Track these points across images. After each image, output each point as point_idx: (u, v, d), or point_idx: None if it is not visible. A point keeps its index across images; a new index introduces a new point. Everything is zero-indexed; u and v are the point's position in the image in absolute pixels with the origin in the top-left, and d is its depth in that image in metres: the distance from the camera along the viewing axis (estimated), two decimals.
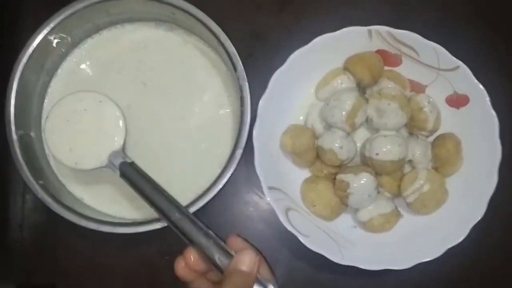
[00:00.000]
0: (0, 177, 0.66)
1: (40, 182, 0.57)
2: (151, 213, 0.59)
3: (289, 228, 0.58)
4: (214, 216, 0.64)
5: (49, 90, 0.65)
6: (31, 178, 0.57)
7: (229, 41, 0.58)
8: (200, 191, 0.58)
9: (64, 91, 0.64)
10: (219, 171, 0.58)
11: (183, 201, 0.57)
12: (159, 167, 0.62)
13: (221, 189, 0.58)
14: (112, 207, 0.63)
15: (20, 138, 0.58)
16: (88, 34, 0.65)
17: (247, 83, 0.58)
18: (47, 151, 0.63)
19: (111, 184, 0.62)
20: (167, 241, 0.64)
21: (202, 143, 0.64)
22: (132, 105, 0.63)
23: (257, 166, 0.58)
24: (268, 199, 0.58)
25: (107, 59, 0.65)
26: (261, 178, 0.58)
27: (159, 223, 0.56)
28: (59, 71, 0.65)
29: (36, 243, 0.66)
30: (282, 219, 0.58)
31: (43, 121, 0.63)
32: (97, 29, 0.65)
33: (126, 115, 0.59)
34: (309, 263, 0.63)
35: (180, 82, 0.65)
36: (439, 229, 0.60)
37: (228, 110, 0.64)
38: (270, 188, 0.59)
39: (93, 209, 0.63)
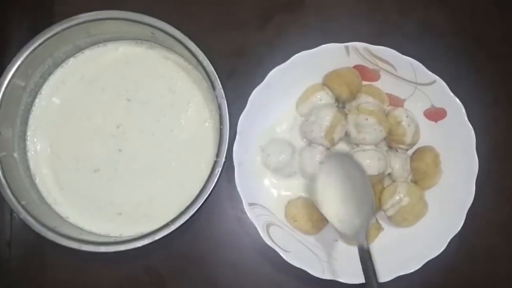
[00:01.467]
0: None
1: (23, 202, 0.58)
2: (135, 230, 0.61)
3: (270, 243, 0.58)
4: (198, 232, 0.65)
5: (34, 108, 0.65)
6: (13, 199, 0.58)
7: (207, 60, 0.59)
8: (183, 206, 0.59)
9: (47, 111, 0.65)
10: (200, 185, 0.59)
11: (167, 215, 0.58)
12: (144, 181, 0.63)
13: (204, 204, 0.58)
14: (97, 224, 0.63)
15: (2, 159, 0.59)
16: (70, 54, 0.65)
17: (225, 102, 0.58)
18: (32, 171, 0.64)
19: (96, 202, 0.63)
20: (152, 258, 0.65)
21: (186, 158, 0.64)
22: (122, 124, 0.65)
23: (237, 182, 0.59)
24: (249, 215, 0.59)
25: (91, 75, 0.66)
26: (241, 195, 0.59)
27: (140, 242, 0.57)
28: (43, 91, 0.66)
29: (24, 261, 0.66)
30: (262, 235, 0.59)
31: (28, 142, 0.65)
32: (79, 49, 0.65)
33: (116, 134, 0.62)
34: (293, 277, 0.64)
35: (163, 95, 0.65)
36: (419, 242, 0.61)
37: (210, 124, 0.65)
38: (251, 204, 0.60)
39: (78, 227, 0.63)
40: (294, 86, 0.64)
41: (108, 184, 0.64)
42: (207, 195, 0.57)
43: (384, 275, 0.58)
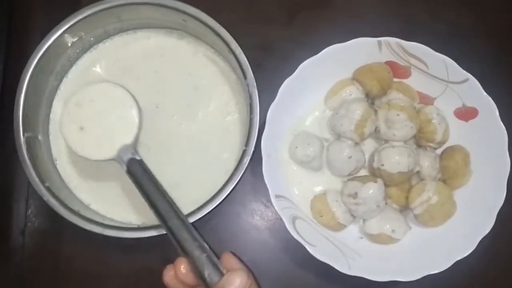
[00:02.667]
0: (4, 183, 0.65)
1: (46, 184, 0.57)
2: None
3: (296, 237, 0.57)
4: (219, 224, 0.64)
5: (59, 92, 0.65)
6: (37, 180, 0.57)
7: (239, 49, 0.59)
8: (206, 197, 0.58)
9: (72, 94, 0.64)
10: (225, 177, 0.58)
11: (190, 205, 0.57)
12: (166, 170, 0.62)
13: (227, 197, 0.57)
14: (119, 212, 0.62)
15: (27, 140, 0.58)
16: (99, 40, 0.65)
17: (256, 91, 0.58)
18: (54, 155, 0.63)
19: (119, 189, 0.62)
20: (169, 249, 0.63)
21: (209, 148, 0.64)
22: (144, 109, 0.63)
23: (265, 174, 0.58)
24: (275, 207, 0.57)
25: (118, 63, 0.65)
26: (268, 186, 0.58)
27: (164, 229, 0.55)
28: (69, 75, 0.65)
29: (38, 250, 0.65)
30: (289, 227, 0.57)
31: (50, 126, 0.64)
32: (108, 35, 0.65)
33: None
34: (313, 273, 0.63)
35: (186, 93, 0.65)
36: (447, 242, 0.59)
37: (235, 117, 0.64)
38: (277, 196, 0.58)
39: (100, 214, 0.62)
40: (324, 80, 0.63)
41: None
42: (234, 185, 0.56)
43: (411, 274, 0.57)
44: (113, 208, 0.62)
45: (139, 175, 0.55)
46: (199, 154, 0.64)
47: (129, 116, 0.58)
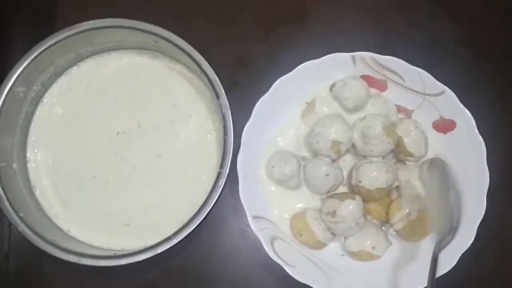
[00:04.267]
0: None
1: (21, 214, 0.56)
2: (139, 244, 0.59)
3: (275, 258, 0.57)
4: (200, 245, 0.64)
5: (35, 117, 0.64)
6: (11, 211, 0.56)
7: (211, 69, 0.58)
8: (186, 217, 0.57)
9: (49, 120, 0.64)
10: (204, 197, 0.57)
11: (170, 227, 0.57)
12: (146, 192, 0.62)
13: (207, 217, 0.57)
14: (98, 238, 0.62)
15: (1, 170, 0.58)
16: (72, 64, 0.65)
17: (229, 112, 0.57)
18: (32, 183, 0.63)
19: (99, 215, 0.62)
20: (152, 273, 0.63)
21: (188, 169, 0.63)
22: (120, 131, 0.64)
23: (242, 195, 0.58)
24: (253, 229, 0.57)
25: (94, 86, 0.65)
26: (245, 208, 0.57)
27: (142, 255, 0.55)
28: (45, 99, 0.65)
29: (22, 275, 0.65)
30: (267, 249, 0.57)
31: (28, 153, 0.63)
32: (80, 58, 0.64)
33: (119, 144, 0.62)
34: None
35: (166, 109, 0.64)
36: (428, 257, 0.58)
37: (213, 136, 0.63)
38: (255, 217, 0.58)
39: (78, 240, 0.62)
40: (300, 97, 0.62)
41: (112, 195, 0.62)
42: (210, 208, 0.56)
43: None
44: (93, 233, 0.62)
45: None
46: (179, 175, 0.63)
47: None
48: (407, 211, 0.58)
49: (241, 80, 0.67)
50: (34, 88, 0.62)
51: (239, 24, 0.69)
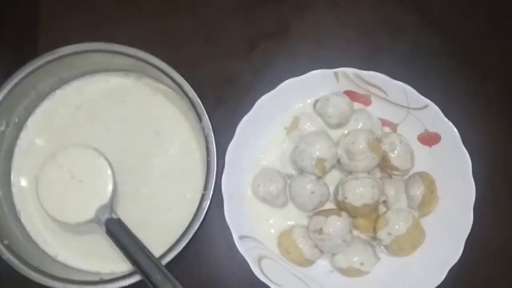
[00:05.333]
0: None
1: (5, 242, 0.56)
2: (127, 265, 0.58)
3: (262, 278, 0.56)
4: (188, 265, 0.63)
5: (19, 142, 0.64)
6: None
7: (192, 91, 0.58)
8: (173, 237, 0.57)
9: (34, 144, 0.64)
10: (190, 217, 0.57)
11: (158, 247, 0.57)
12: (134, 210, 0.62)
13: (194, 237, 0.57)
14: (86, 262, 0.61)
15: None
16: (55, 87, 0.64)
17: (212, 133, 0.57)
18: (18, 208, 0.62)
19: (86, 239, 0.61)
20: None
21: (173, 188, 0.63)
22: (105, 153, 0.63)
23: (227, 215, 0.57)
24: (239, 249, 0.57)
25: (80, 109, 0.65)
26: (231, 228, 0.57)
27: (127, 280, 0.55)
28: (28, 123, 0.64)
29: None
30: (254, 269, 0.57)
31: (12, 178, 0.63)
32: (64, 81, 0.64)
33: None
34: None
35: (151, 131, 0.64)
36: (416, 272, 0.59)
37: (197, 156, 0.63)
38: (242, 237, 0.58)
39: (66, 265, 0.61)
40: (284, 113, 0.62)
41: None
42: (195, 230, 0.56)
43: None
44: (81, 257, 0.61)
45: (119, 234, 0.56)
46: (164, 194, 0.63)
47: (103, 176, 0.58)
48: (393, 227, 0.58)
49: (225, 97, 0.67)
50: (17, 113, 0.62)
51: (222, 42, 0.69)
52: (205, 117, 0.57)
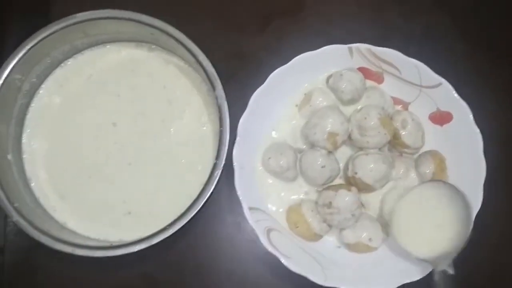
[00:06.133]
0: None
1: (15, 205, 0.56)
2: (136, 235, 0.58)
3: (270, 249, 0.57)
4: (196, 237, 0.63)
5: (30, 109, 0.64)
6: (5, 201, 0.56)
7: (207, 60, 0.58)
8: (183, 208, 0.57)
9: (45, 112, 0.64)
10: (200, 188, 0.57)
11: (168, 218, 0.56)
12: (144, 182, 0.62)
13: (203, 209, 0.56)
14: (95, 230, 0.61)
15: None
16: (68, 55, 0.64)
17: (226, 103, 0.57)
18: (28, 174, 0.62)
19: (95, 207, 0.62)
20: (148, 265, 0.63)
21: (183, 160, 0.63)
22: (117, 123, 0.64)
23: (237, 186, 0.57)
24: (248, 220, 0.57)
25: (92, 79, 0.65)
26: (241, 199, 0.57)
27: (137, 246, 0.55)
28: (41, 90, 0.64)
29: (17, 268, 0.64)
30: (263, 240, 0.57)
31: (23, 145, 0.63)
32: (77, 50, 0.64)
33: (112, 132, 0.62)
34: (293, 285, 0.62)
35: (163, 103, 0.64)
36: None
37: (208, 128, 0.63)
38: (251, 208, 0.58)
39: (75, 232, 0.61)
40: (296, 88, 0.62)
41: (111, 185, 0.62)
42: (206, 198, 0.56)
43: (388, 283, 0.56)
44: (90, 225, 0.61)
45: None
46: (175, 166, 0.63)
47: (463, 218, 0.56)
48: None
49: (238, 73, 0.67)
50: (30, 79, 0.62)
51: (236, 17, 0.69)
52: (219, 86, 0.57)
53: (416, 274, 0.56)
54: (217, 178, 0.56)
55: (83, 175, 0.62)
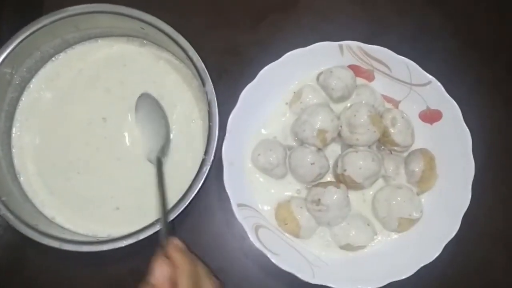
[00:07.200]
0: None
1: (3, 199, 0.56)
2: (124, 230, 0.58)
3: (258, 245, 0.56)
4: (185, 233, 0.62)
5: (21, 103, 0.64)
6: None
7: (197, 55, 0.58)
8: (170, 205, 0.57)
9: (36, 106, 0.64)
10: (189, 184, 0.57)
11: (155, 213, 0.56)
12: (134, 176, 0.62)
13: (191, 205, 0.56)
14: (84, 225, 0.61)
15: None
16: (59, 50, 0.64)
17: (215, 98, 0.57)
18: (17, 169, 0.62)
19: (84, 202, 0.62)
20: (137, 260, 0.62)
21: (175, 155, 0.63)
22: (107, 118, 0.64)
23: (226, 183, 0.57)
24: (237, 216, 0.57)
25: (83, 73, 0.65)
26: (230, 195, 0.57)
27: (124, 241, 0.55)
28: (31, 84, 0.64)
29: (7, 263, 0.64)
30: (251, 236, 0.57)
31: (13, 139, 0.63)
32: (68, 44, 0.64)
33: (102, 127, 0.63)
34: (282, 282, 0.62)
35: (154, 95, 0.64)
36: (412, 247, 0.59)
37: (199, 124, 0.63)
38: (240, 205, 0.58)
39: (63, 228, 0.61)
40: (286, 85, 0.62)
41: (101, 180, 0.62)
42: (194, 194, 0.56)
43: (376, 281, 0.56)
44: (79, 220, 0.61)
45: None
46: (164, 162, 0.62)
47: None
48: (393, 202, 0.58)
49: (229, 68, 0.67)
50: (20, 73, 0.62)
51: (228, 13, 0.69)
52: (209, 81, 0.57)
53: (404, 272, 0.56)
54: (205, 174, 0.56)
55: (72, 169, 0.62)
